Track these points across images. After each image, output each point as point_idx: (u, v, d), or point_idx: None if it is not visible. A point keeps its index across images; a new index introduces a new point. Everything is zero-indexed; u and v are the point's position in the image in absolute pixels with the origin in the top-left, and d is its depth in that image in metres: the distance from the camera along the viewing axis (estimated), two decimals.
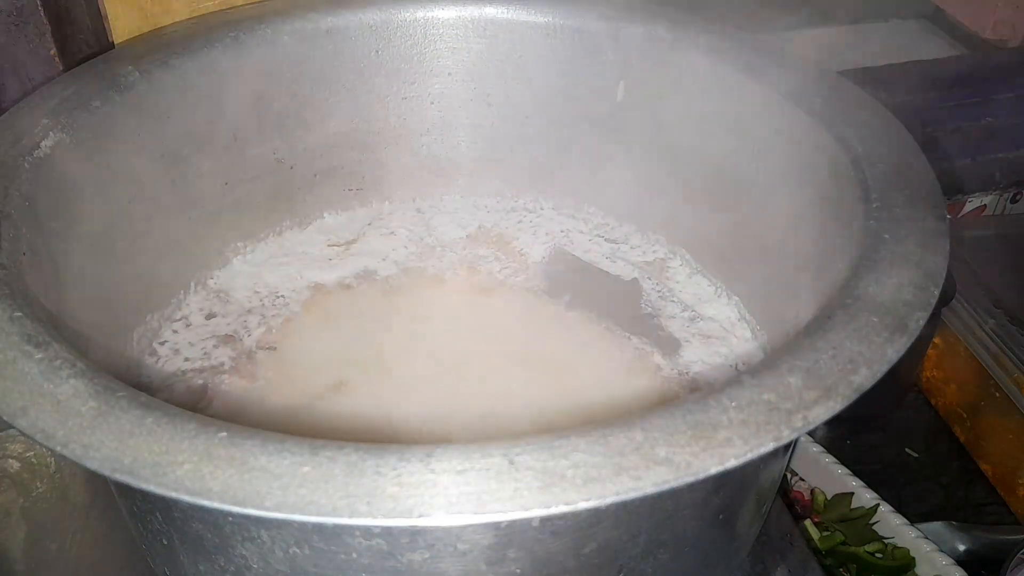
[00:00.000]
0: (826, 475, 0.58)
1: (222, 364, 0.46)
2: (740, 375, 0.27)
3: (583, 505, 0.23)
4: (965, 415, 0.64)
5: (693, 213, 0.52)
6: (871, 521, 0.55)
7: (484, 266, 0.53)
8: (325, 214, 0.56)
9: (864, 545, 0.54)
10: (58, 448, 0.25)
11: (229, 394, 0.44)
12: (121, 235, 0.43)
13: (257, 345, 0.47)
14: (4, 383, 0.27)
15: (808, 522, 0.56)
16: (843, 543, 0.55)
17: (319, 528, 0.27)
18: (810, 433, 0.60)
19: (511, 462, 0.24)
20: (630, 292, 0.51)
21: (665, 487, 0.24)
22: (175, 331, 0.48)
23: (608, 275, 0.53)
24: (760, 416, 0.26)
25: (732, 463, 0.25)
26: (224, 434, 0.25)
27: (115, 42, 0.50)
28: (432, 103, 0.55)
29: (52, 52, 0.47)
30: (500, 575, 0.29)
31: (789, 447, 0.42)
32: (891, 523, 0.54)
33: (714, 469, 0.24)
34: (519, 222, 0.56)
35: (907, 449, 0.64)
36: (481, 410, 0.43)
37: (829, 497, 0.57)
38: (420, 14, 0.52)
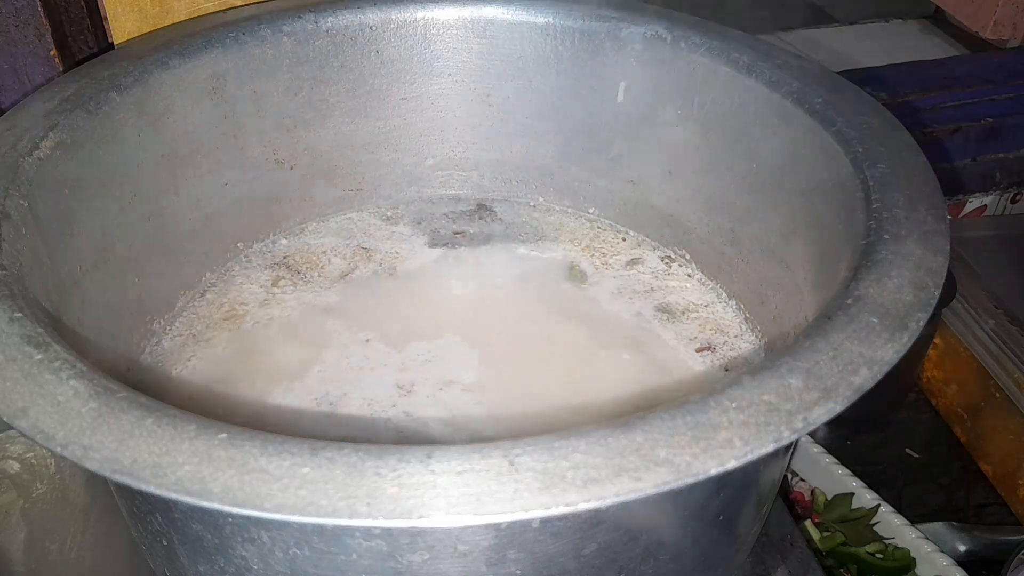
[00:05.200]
0: (826, 476, 0.58)
1: (221, 365, 0.46)
2: (740, 376, 0.27)
3: (583, 506, 0.23)
4: (965, 415, 0.64)
5: (692, 213, 0.52)
6: (871, 522, 0.55)
7: (485, 266, 0.53)
8: (325, 214, 0.56)
9: (864, 546, 0.54)
10: (58, 449, 0.25)
11: (229, 395, 0.44)
12: (121, 236, 0.43)
13: (255, 345, 0.47)
14: (4, 384, 0.27)
15: (808, 523, 0.57)
16: (843, 544, 0.55)
17: (319, 529, 0.27)
18: (810, 434, 0.60)
19: (511, 463, 0.24)
20: (629, 292, 0.51)
21: (665, 488, 0.24)
22: (175, 332, 0.48)
23: (607, 275, 0.52)
24: (760, 417, 0.26)
25: (732, 464, 0.25)
26: (224, 435, 0.25)
27: (115, 42, 0.50)
28: (432, 103, 0.55)
29: (52, 52, 0.47)
30: None
31: (789, 448, 0.42)
32: (891, 523, 0.54)
33: (714, 470, 0.24)
34: (518, 225, 0.56)
35: (907, 449, 0.64)
36: (486, 407, 0.43)
37: (829, 498, 0.57)
38: (420, 14, 0.52)
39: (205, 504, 0.23)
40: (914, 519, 0.54)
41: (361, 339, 0.47)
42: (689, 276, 0.52)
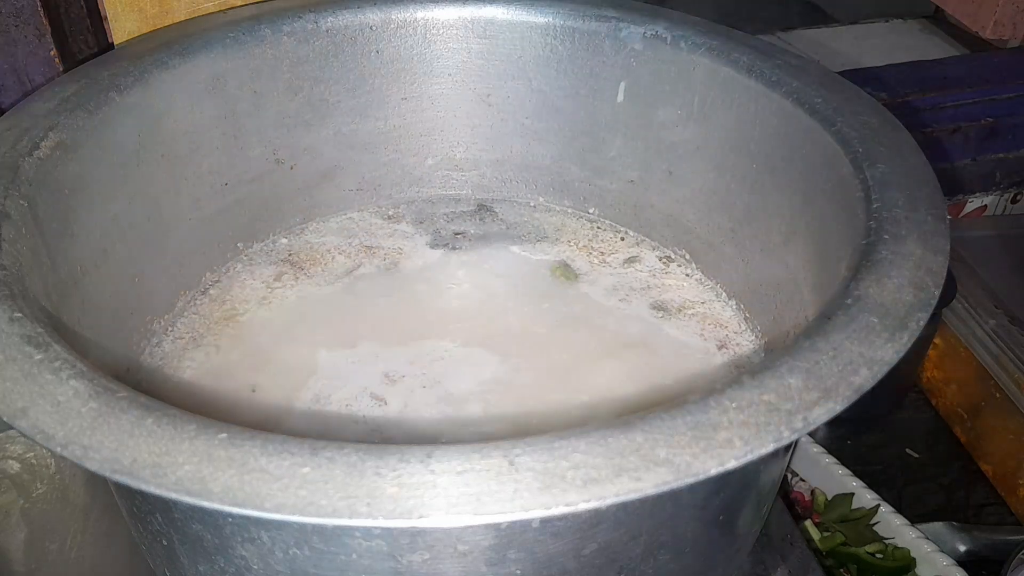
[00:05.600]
0: (826, 475, 0.58)
1: (221, 365, 0.46)
2: (740, 376, 0.27)
3: (583, 506, 0.23)
4: (965, 415, 0.64)
5: (693, 213, 0.52)
6: (871, 522, 0.55)
7: (485, 266, 0.53)
8: (325, 214, 0.56)
9: (864, 546, 0.54)
10: (58, 449, 0.25)
11: (229, 395, 0.44)
12: (121, 236, 0.43)
13: (256, 345, 0.47)
14: (4, 384, 0.27)
15: (808, 523, 0.57)
16: (843, 544, 0.55)
17: (319, 529, 0.27)
18: (811, 433, 0.60)
19: (511, 463, 0.24)
20: (628, 291, 0.51)
21: (665, 488, 0.24)
22: (175, 332, 0.48)
23: (606, 274, 0.52)
24: (760, 417, 0.26)
25: (732, 464, 0.25)
26: (224, 435, 0.25)
27: (115, 43, 0.50)
28: (432, 103, 0.55)
29: (52, 53, 0.47)
30: None
31: (789, 448, 0.42)
32: (892, 523, 0.54)
33: (714, 470, 0.24)
34: (518, 224, 0.57)
35: (907, 450, 0.64)
36: (488, 406, 0.43)
37: (829, 498, 0.57)
38: (420, 14, 0.52)
39: (205, 504, 0.23)
40: (914, 519, 0.54)
41: (362, 338, 0.47)
42: (688, 276, 0.52)
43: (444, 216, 0.57)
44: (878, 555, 0.54)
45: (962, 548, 0.55)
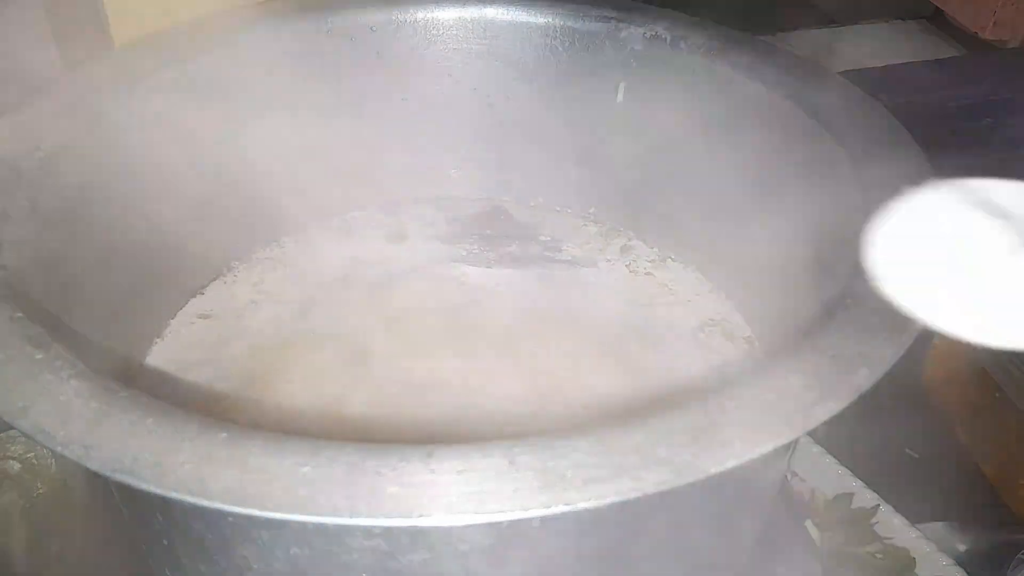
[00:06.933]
0: (826, 475, 0.58)
1: (222, 365, 0.46)
2: (740, 375, 0.27)
3: (583, 505, 0.23)
4: (965, 415, 0.64)
5: (692, 213, 0.52)
6: (871, 521, 0.55)
7: (483, 265, 0.53)
8: (326, 215, 0.56)
9: (864, 546, 0.54)
10: (59, 449, 0.25)
11: (229, 395, 0.44)
12: (122, 237, 0.43)
13: (257, 346, 0.47)
14: (4, 383, 0.27)
15: (808, 523, 0.56)
16: (843, 544, 0.55)
17: (320, 528, 0.27)
18: (810, 433, 0.60)
19: (511, 462, 0.24)
20: (628, 292, 0.51)
21: (665, 487, 0.24)
22: (176, 332, 0.48)
23: (607, 273, 0.53)
24: (760, 417, 0.26)
25: (732, 463, 0.25)
26: (225, 435, 0.25)
27: (116, 43, 0.50)
28: (432, 103, 0.55)
29: (52, 53, 0.47)
30: None
31: (789, 448, 0.42)
32: (892, 523, 0.54)
33: (714, 469, 0.24)
34: (519, 223, 0.57)
35: (907, 450, 0.64)
36: (487, 407, 0.44)
37: (829, 498, 0.57)
38: (420, 15, 0.52)
39: (206, 503, 0.23)
40: (914, 519, 0.54)
41: (359, 338, 0.48)
42: (688, 276, 0.52)
43: (443, 216, 0.57)
44: (878, 555, 0.54)
45: (962, 548, 0.55)
